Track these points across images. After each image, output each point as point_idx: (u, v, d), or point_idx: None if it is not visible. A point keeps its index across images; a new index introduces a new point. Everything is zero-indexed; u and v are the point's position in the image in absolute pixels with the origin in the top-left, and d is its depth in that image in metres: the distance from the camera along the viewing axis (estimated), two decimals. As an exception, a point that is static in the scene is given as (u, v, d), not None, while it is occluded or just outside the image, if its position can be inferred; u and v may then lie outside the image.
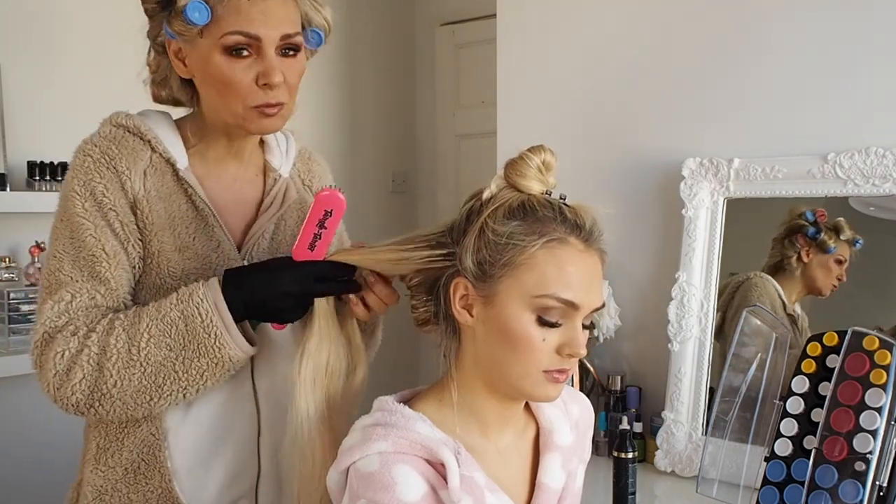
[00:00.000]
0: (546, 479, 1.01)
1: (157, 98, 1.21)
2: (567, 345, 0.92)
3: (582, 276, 0.93)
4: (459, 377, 0.98)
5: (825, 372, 1.17)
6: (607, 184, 2.04)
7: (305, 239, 1.02)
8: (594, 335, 1.94)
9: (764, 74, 1.82)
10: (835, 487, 1.10)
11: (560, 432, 1.04)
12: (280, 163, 1.25)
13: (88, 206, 1.08)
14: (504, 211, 0.94)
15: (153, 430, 1.11)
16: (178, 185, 1.14)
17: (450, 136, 3.26)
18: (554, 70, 2.16)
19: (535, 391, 0.94)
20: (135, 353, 1.03)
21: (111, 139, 1.12)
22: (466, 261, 0.94)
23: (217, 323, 1.03)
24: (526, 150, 0.97)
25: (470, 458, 0.93)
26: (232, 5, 1.05)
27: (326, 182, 1.33)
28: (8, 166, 2.19)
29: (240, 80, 1.07)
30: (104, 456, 1.15)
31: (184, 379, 1.05)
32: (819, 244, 1.75)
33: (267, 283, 1.04)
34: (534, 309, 0.92)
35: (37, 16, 2.30)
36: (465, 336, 0.98)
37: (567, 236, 0.93)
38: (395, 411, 0.95)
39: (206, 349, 1.04)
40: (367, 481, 0.89)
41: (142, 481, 1.13)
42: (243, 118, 1.09)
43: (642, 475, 1.71)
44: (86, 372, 1.03)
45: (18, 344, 2.14)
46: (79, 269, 1.07)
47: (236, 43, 1.06)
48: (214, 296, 1.04)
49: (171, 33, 1.09)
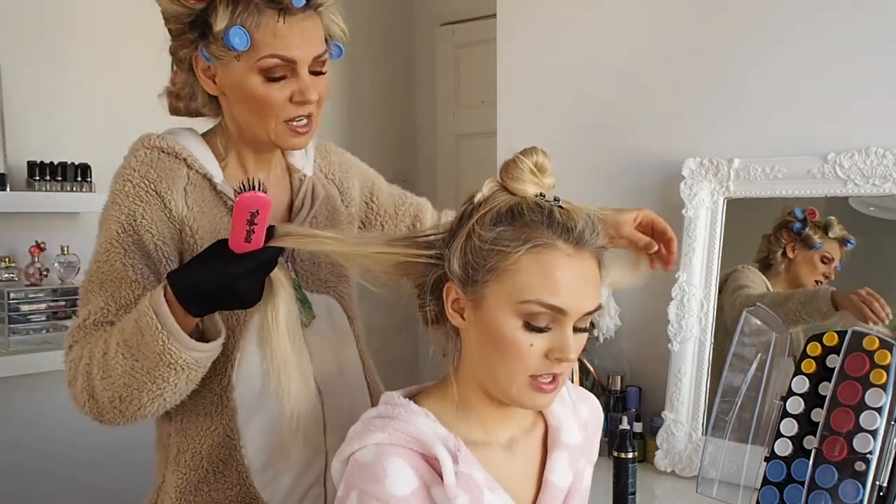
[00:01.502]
0: (553, 476, 1.01)
1: (175, 110, 1.22)
2: (556, 349, 0.92)
3: (570, 280, 0.91)
4: (459, 376, 0.99)
5: (825, 372, 1.18)
6: (607, 184, 2.04)
7: (238, 236, 0.99)
8: (594, 335, 1.94)
9: (764, 75, 1.82)
10: (835, 487, 1.10)
11: (568, 431, 1.04)
12: (302, 163, 1.28)
13: (122, 232, 1.12)
14: (492, 216, 0.93)
15: (228, 430, 1.16)
16: (218, 199, 1.17)
17: (450, 136, 3.26)
18: (554, 70, 2.16)
19: (522, 397, 0.94)
20: (110, 362, 1.05)
21: (148, 163, 1.15)
22: (454, 265, 0.94)
23: (158, 330, 1.01)
24: (518, 153, 0.96)
25: (470, 455, 0.94)
26: (269, 30, 1.08)
27: (347, 168, 1.35)
28: (8, 166, 2.19)
29: (275, 100, 1.10)
30: (184, 457, 1.19)
31: (152, 385, 1.04)
32: (803, 239, 1.75)
33: (214, 279, 1.00)
34: (520, 314, 0.91)
35: (37, 16, 2.30)
36: (463, 337, 0.98)
37: (554, 241, 0.91)
38: (400, 405, 0.96)
39: (160, 356, 1.02)
40: (361, 472, 0.90)
41: (221, 479, 1.17)
42: (276, 134, 1.13)
43: (642, 475, 1.71)
44: (81, 381, 1.08)
45: (18, 344, 2.15)
46: (105, 290, 1.11)
47: (273, 66, 1.09)
48: (156, 304, 1.01)
49: (206, 56, 1.11)
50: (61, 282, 2.23)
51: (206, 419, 1.17)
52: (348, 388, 1.26)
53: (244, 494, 1.17)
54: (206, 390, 1.15)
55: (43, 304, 2.18)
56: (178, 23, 1.12)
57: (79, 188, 2.25)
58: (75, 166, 2.24)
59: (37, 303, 2.17)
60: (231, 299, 1.02)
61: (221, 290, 1.00)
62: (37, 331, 2.18)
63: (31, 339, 2.17)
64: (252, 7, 1.07)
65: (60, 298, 2.21)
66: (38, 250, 2.20)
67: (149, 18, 1.25)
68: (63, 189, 2.22)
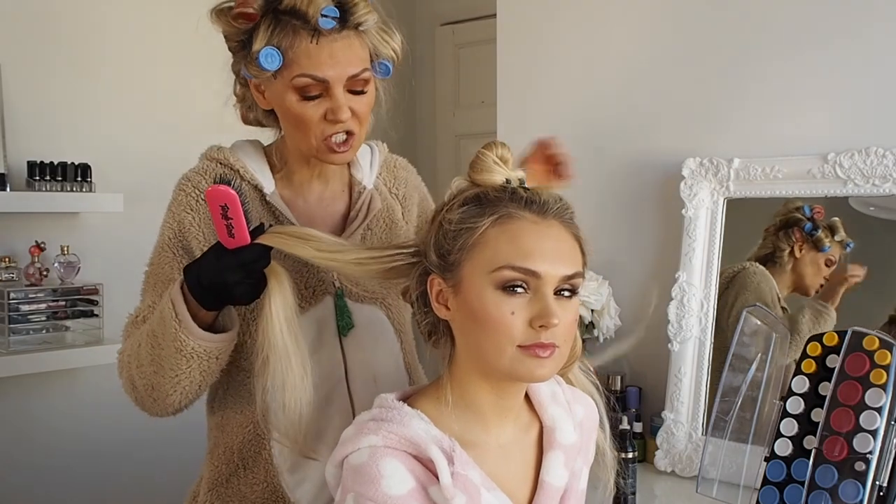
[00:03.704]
0: (548, 476, 1.01)
1: (246, 120, 1.28)
2: (538, 316, 0.91)
3: (539, 244, 0.93)
4: (455, 373, 0.99)
5: (825, 372, 1.18)
6: (607, 183, 2.04)
7: (221, 232, 1.06)
8: (594, 335, 1.94)
9: (764, 75, 1.82)
10: (835, 487, 1.10)
11: (563, 431, 1.04)
12: (363, 175, 1.30)
13: (174, 237, 1.21)
14: (458, 202, 0.97)
15: (259, 430, 1.20)
16: (267, 209, 1.22)
17: (450, 136, 3.26)
18: (554, 70, 2.16)
19: (518, 369, 0.93)
20: (142, 353, 1.14)
21: (203, 173, 1.23)
22: (431, 255, 0.98)
23: (172, 317, 1.09)
24: (481, 147, 1.00)
25: (465, 455, 0.93)
26: (301, 50, 1.11)
27: (413, 185, 1.39)
28: (8, 166, 2.19)
29: (310, 118, 1.14)
30: (217, 451, 1.25)
31: (170, 373, 1.12)
32: (815, 241, 1.74)
33: (209, 273, 1.07)
34: (495, 284, 0.92)
35: (37, 16, 2.30)
36: (453, 330, 0.99)
37: (518, 211, 0.94)
38: (393, 407, 0.96)
39: (173, 343, 1.10)
40: (356, 475, 0.90)
41: (250, 475, 1.21)
42: (316, 150, 1.17)
43: (642, 475, 1.71)
44: (125, 372, 1.19)
45: (18, 344, 2.14)
46: (156, 291, 1.21)
47: (305, 84, 1.12)
48: (174, 294, 1.10)
49: (247, 74, 1.16)
50: (61, 282, 2.23)
51: (241, 416, 1.22)
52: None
53: (271, 492, 1.20)
54: (242, 389, 1.21)
55: (43, 304, 2.18)
56: (232, 41, 1.17)
57: (79, 188, 2.24)
58: (75, 166, 2.24)
59: (37, 303, 2.17)
60: (224, 292, 1.08)
61: (216, 283, 1.07)
62: (37, 331, 2.18)
63: (31, 339, 2.17)
64: (289, 28, 1.11)
65: (60, 298, 2.21)
66: (38, 250, 2.20)
67: (149, 19, 1.25)
68: (63, 189, 2.22)
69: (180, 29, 2.04)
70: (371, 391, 1.16)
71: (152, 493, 2.29)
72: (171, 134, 2.43)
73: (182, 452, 1.88)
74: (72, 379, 2.33)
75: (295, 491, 1.20)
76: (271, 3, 1.11)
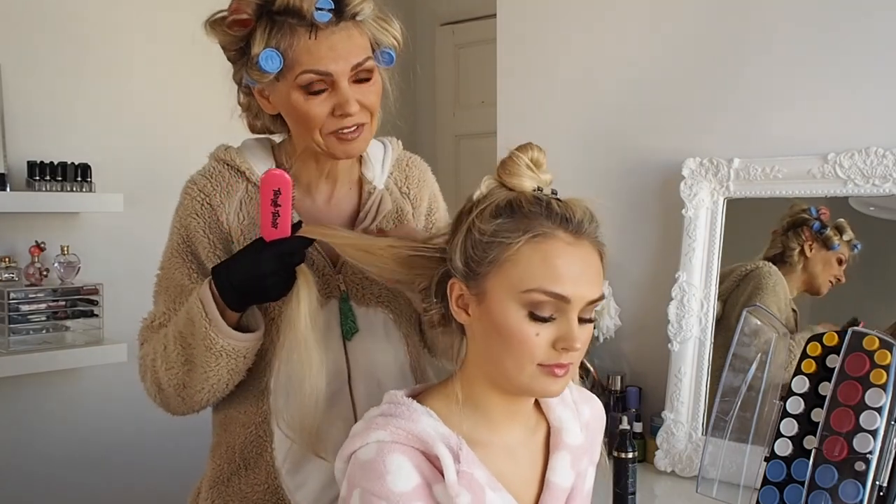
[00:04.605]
0: (555, 477, 1.01)
1: (253, 128, 1.27)
2: (562, 339, 0.92)
3: (571, 268, 0.92)
4: (466, 374, 0.99)
5: (825, 372, 1.18)
6: (607, 184, 2.04)
7: (266, 220, 1.08)
8: (594, 335, 1.94)
9: (764, 75, 1.82)
10: (835, 487, 1.10)
11: (570, 432, 1.04)
12: (374, 175, 1.30)
13: (182, 242, 1.22)
14: (491, 210, 0.95)
15: (261, 431, 1.21)
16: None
17: (450, 136, 3.25)
18: (554, 70, 2.16)
19: (534, 386, 0.94)
20: (170, 354, 1.17)
21: (208, 176, 1.23)
22: (456, 260, 0.96)
23: (203, 317, 1.11)
24: (514, 149, 0.98)
25: (472, 454, 0.94)
26: (301, 47, 1.11)
27: (426, 183, 1.39)
28: (8, 166, 2.19)
29: (318, 115, 1.13)
30: (220, 449, 1.26)
31: (200, 371, 1.14)
32: (824, 240, 1.74)
33: (245, 268, 1.10)
34: (524, 304, 0.92)
35: (37, 16, 2.29)
36: (468, 334, 0.99)
37: (553, 230, 0.93)
38: (403, 404, 0.96)
39: (203, 341, 1.12)
40: (363, 469, 0.91)
41: (251, 475, 1.22)
42: (325, 146, 1.16)
43: (642, 475, 1.71)
44: (150, 375, 1.20)
45: (18, 344, 2.14)
46: (169, 296, 1.22)
47: (310, 81, 1.11)
48: (203, 294, 1.12)
49: (250, 80, 1.15)
50: (61, 282, 2.23)
51: (243, 415, 1.22)
52: None
53: (272, 493, 1.20)
54: (246, 390, 1.21)
55: (43, 304, 2.18)
56: (230, 50, 1.17)
57: (79, 188, 2.24)
58: (75, 166, 2.24)
59: (37, 303, 2.17)
60: (257, 286, 1.10)
61: (251, 277, 1.09)
62: (36, 331, 2.18)
63: (31, 339, 2.17)
64: (286, 28, 1.10)
65: (60, 298, 2.20)
66: (38, 250, 2.20)
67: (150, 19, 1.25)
68: (63, 189, 2.22)
69: (180, 28, 2.05)
70: (374, 396, 1.16)
71: (152, 493, 2.29)
72: (171, 134, 2.44)
73: (183, 452, 1.88)
74: (72, 379, 2.33)
75: (295, 494, 1.19)
76: (265, 5, 1.11)
